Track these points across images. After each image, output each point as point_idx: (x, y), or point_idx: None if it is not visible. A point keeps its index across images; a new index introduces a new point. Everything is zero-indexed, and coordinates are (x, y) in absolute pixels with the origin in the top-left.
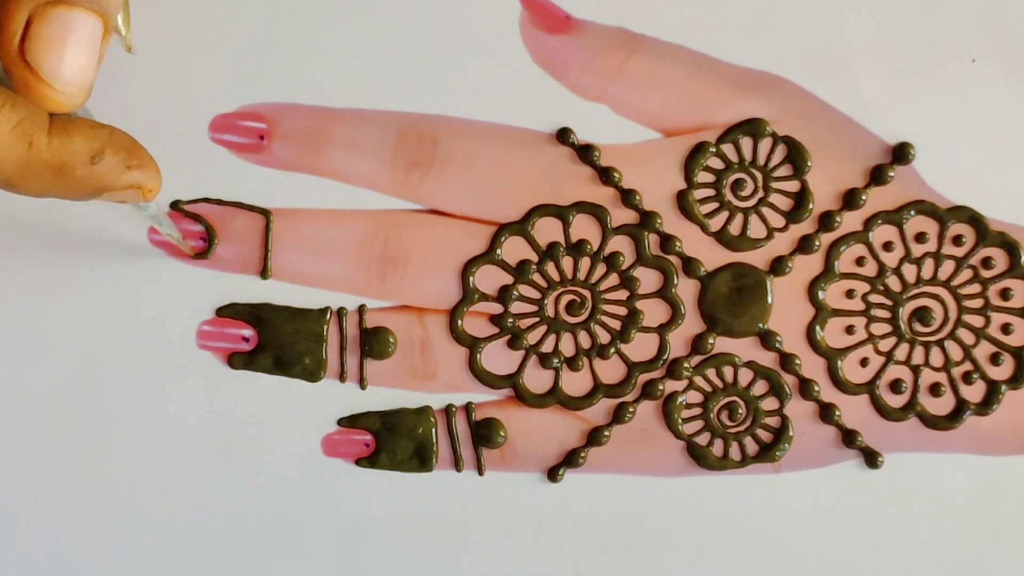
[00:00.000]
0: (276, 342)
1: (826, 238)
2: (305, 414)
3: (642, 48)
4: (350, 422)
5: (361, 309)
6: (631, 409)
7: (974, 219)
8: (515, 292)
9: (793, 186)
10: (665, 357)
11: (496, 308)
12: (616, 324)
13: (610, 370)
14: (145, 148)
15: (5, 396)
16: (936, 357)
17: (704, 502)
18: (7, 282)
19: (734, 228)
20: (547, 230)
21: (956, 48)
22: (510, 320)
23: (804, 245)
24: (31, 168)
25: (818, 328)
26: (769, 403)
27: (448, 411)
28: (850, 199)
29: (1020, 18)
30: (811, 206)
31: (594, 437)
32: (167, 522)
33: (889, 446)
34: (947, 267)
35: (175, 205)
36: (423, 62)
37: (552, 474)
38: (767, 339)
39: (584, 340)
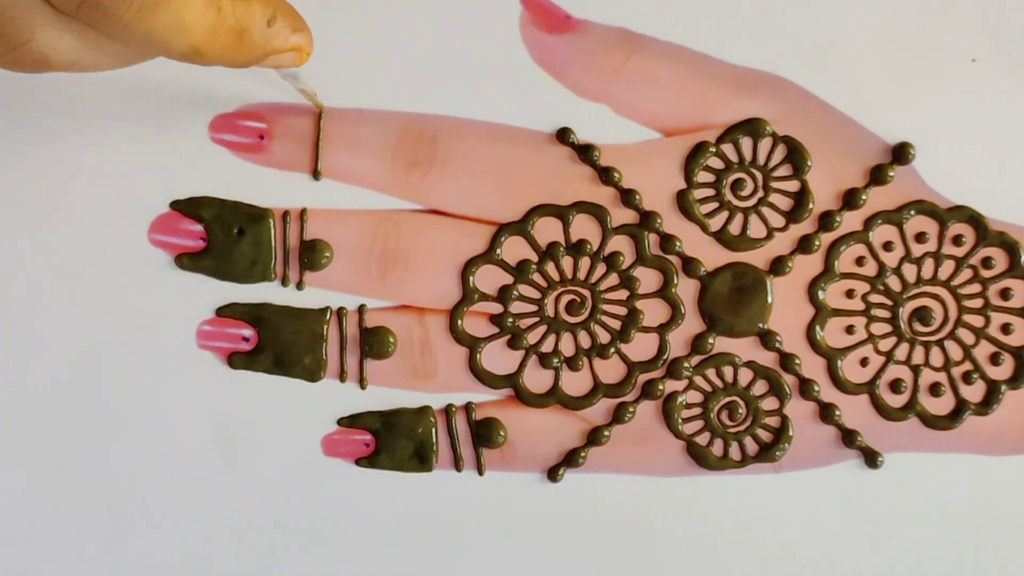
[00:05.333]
0: (276, 342)
1: (826, 238)
2: (305, 414)
3: (642, 48)
4: (350, 422)
5: (361, 309)
6: (631, 409)
7: (974, 219)
8: (515, 292)
9: (793, 186)
10: (665, 357)
11: (496, 308)
12: (616, 324)
13: (610, 370)
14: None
15: (5, 396)
16: (936, 357)
17: (704, 502)
18: (7, 281)
19: (734, 228)
20: (547, 230)
21: (956, 48)
22: (510, 320)
23: (804, 245)
24: (218, 33)
25: (818, 328)
26: (769, 403)
27: (448, 411)
28: (850, 199)
29: (1020, 18)
30: (811, 206)
31: (594, 437)
32: (167, 522)
33: (889, 446)
34: (947, 267)
35: (175, 205)
36: (423, 62)
37: (552, 474)
38: (767, 339)
39: (584, 340)
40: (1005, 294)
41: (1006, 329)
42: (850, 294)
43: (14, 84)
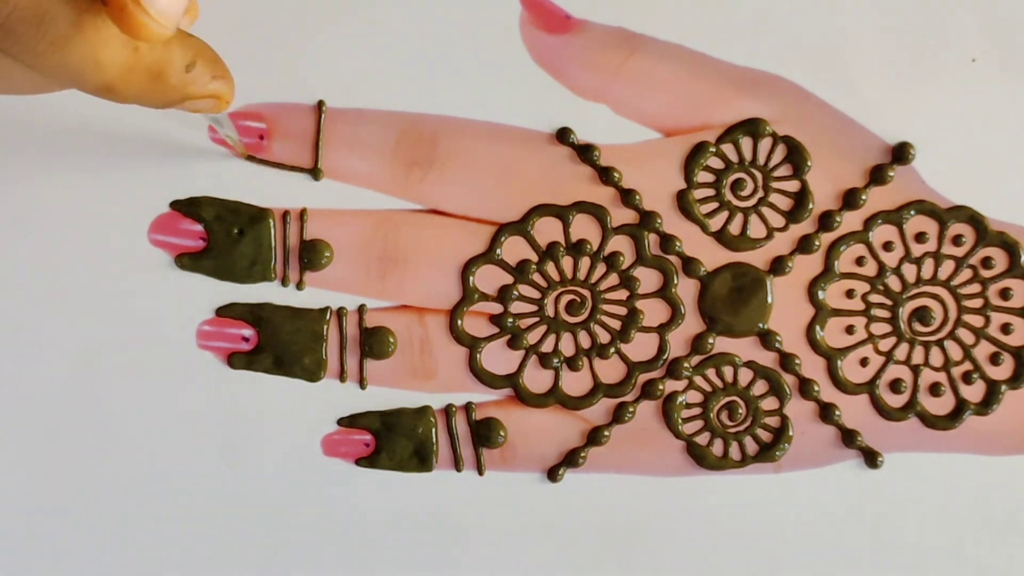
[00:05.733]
0: (276, 342)
1: (826, 238)
2: (305, 414)
3: (642, 48)
4: (350, 422)
5: (361, 309)
6: (631, 409)
7: (974, 219)
8: (515, 292)
9: (793, 186)
10: (665, 357)
11: (496, 308)
12: (616, 324)
13: (610, 370)
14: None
15: (5, 396)
16: (936, 357)
17: (704, 502)
18: (7, 282)
19: (734, 228)
20: (547, 230)
21: (956, 48)
22: (510, 320)
23: (804, 245)
24: (134, 72)
25: (818, 328)
26: (769, 403)
27: (448, 411)
28: (850, 199)
29: (1020, 18)
30: (811, 206)
31: (594, 437)
32: (167, 522)
33: (889, 446)
34: (947, 267)
35: (175, 205)
36: (423, 62)
37: (552, 474)
38: (767, 339)
39: (584, 340)
40: (1005, 294)
41: (1006, 329)
42: (850, 294)
43: None
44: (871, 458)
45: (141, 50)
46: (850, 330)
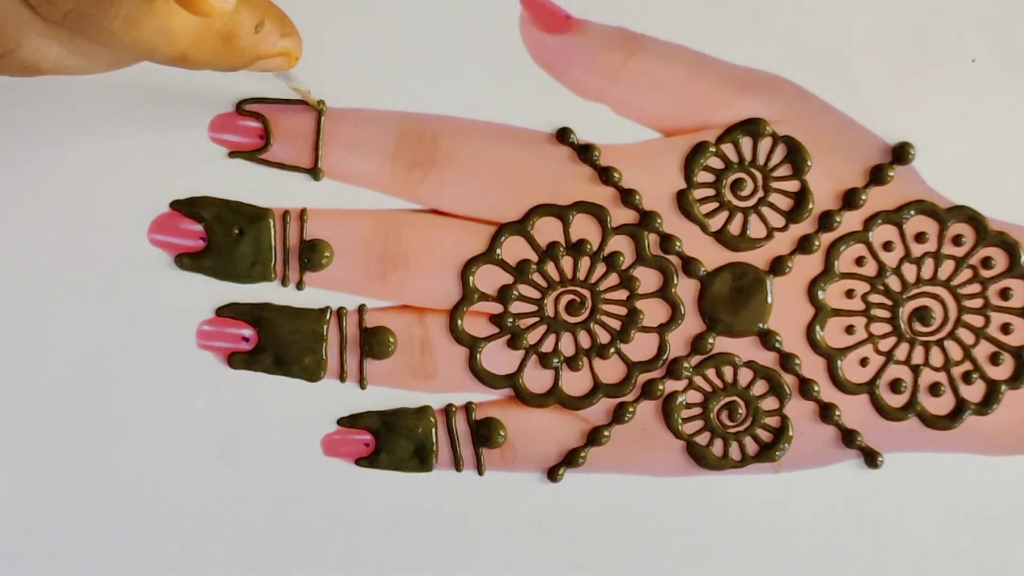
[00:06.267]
0: (276, 342)
1: (826, 238)
2: (305, 414)
3: (642, 48)
4: (350, 422)
5: (361, 309)
6: (631, 409)
7: (974, 219)
8: (515, 292)
9: (793, 186)
10: (665, 357)
11: (496, 308)
12: (616, 324)
13: (610, 370)
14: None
15: (6, 396)
16: (936, 357)
17: (704, 502)
18: (8, 282)
19: (734, 228)
20: (547, 230)
21: (956, 48)
22: (510, 320)
23: (804, 245)
24: (205, 39)
25: (818, 328)
26: (769, 403)
27: (448, 411)
28: (850, 199)
29: (1020, 18)
30: (811, 206)
31: (594, 437)
32: (167, 522)
33: (889, 446)
34: (947, 267)
35: (175, 205)
36: (423, 62)
37: (552, 474)
38: (767, 339)
39: (584, 340)
40: (1005, 294)
41: (1006, 329)
42: (850, 294)
43: (14, 85)
44: (871, 458)
45: (211, 16)
46: (850, 330)
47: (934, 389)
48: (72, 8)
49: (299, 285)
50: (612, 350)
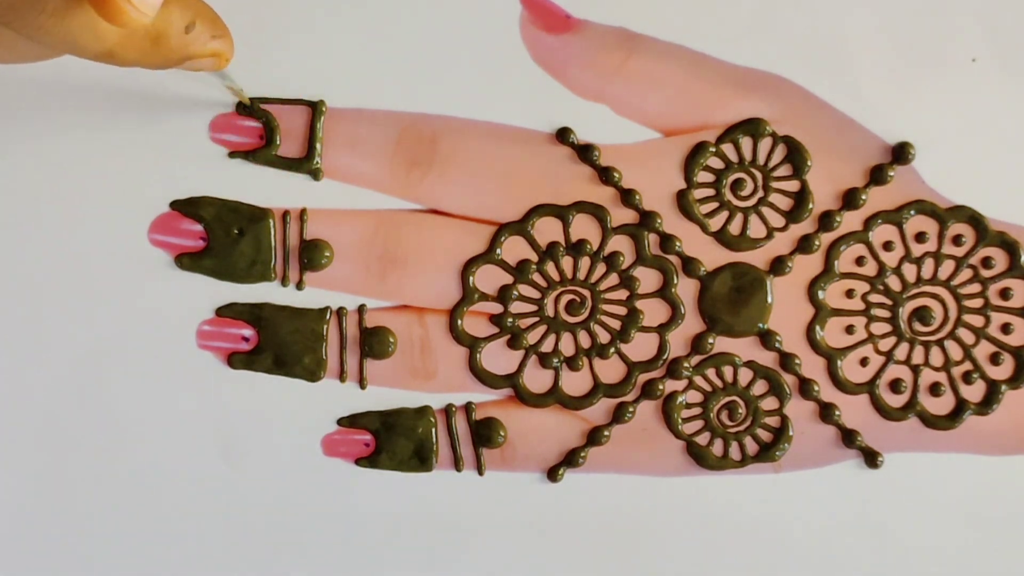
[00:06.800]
0: (276, 342)
1: (826, 238)
2: (305, 414)
3: (642, 48)
4: (350, 422)
5: (361, 309)
6: (631, 409)
7: (974, 219)
8: (515, 292)
9: (793, 186)
10: (665, 357)
11: (496, 308)
12: (616, 324)
13: (610, 370)
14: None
15: (6, 396)
16: (936, 357)
17: (704, 502)
18: (8, 282)
19: (734, 228)
20: (547, 230)
21: (956, 48)
22: (510, 320)
23: (804, 245)
24: (133, 37)
25: (818, 328)
26: (769, 403)
27: (448, 411)
28: (850, 199)
29: (1020, 18)
30: (811, 206)
31: (594, 437)
32: (167, 521)
33: (889, 446)
34: (947, 267)
35: (175, 205)
36: (423, 62)
37: (552, 474)
38: (767, 339)
39: (584, 340)
40: (1005, 294)
41: (1006, 329)
42: (850, 294)
43: (14, 85)
44: (871, 458)
45: (128, 27)
46: (850, 330)
47: (934, 389)
48: None
49: (299, 285)
50: (612, 350)
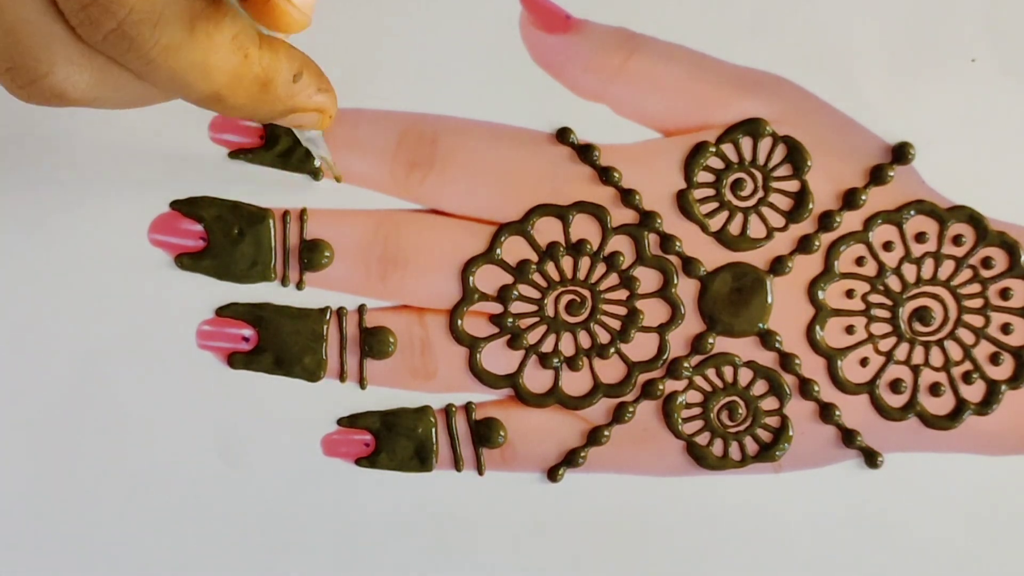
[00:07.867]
0: (276, 342)
1: (826, 238)
2: (305, 414)
3: (642, 48)
4: (350, 422)
5: (361, 309)
6: (631, 409)
7: (974, 219)
8: (515, 292)
9: (793, 186)
10: (665, 357)
11: (496, 308)
12: (616, 324)
13: (610, 370)
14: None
15: (6, 396)
16: (936, 357)
17: (704, 502)
18: (8, 282)
19: (734, 228)
20: (547, 230)
21: (956, 48)
22: (510, 320)
23: (804, 245)
24: (242, 80)
25: (818, 328)
26: (769, 403)
27: (448, 411)
28: (850, 199)
29: (1020, 18)
30: (811, 206)
31: (594, 437)
32: (167, 521)
33: (889, 446)
34: (947, 267)
35: (175, 205)
36: (423, 62)
37: (552, 474)
38: (767, 339)
39: (584, 340)
40: (1005, 294)
41: (1006, 329)
42: (850, 294)
43: None
44: (871, 458)
45: (251, 56)
46: (850, 330)
47: (934, 389)
48: (114, 28)
49: (299, 285)
50: (612, 350)
